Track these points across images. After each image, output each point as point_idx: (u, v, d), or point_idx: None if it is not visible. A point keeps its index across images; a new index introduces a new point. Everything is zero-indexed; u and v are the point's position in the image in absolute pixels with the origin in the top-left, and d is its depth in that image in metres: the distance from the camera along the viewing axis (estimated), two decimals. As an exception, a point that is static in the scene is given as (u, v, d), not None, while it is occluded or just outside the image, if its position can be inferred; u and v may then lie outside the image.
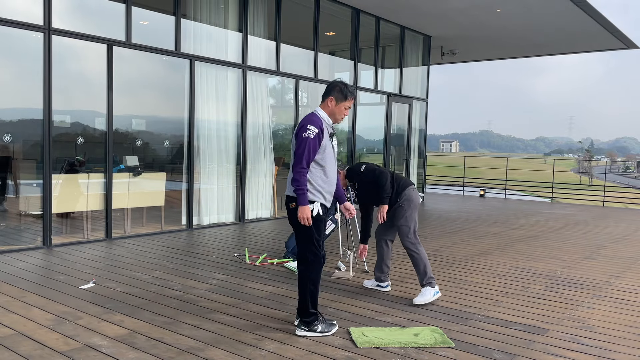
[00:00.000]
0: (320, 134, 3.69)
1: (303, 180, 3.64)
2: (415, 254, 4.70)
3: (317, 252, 3.80)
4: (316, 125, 3.69)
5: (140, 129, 7.67)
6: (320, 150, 3.71)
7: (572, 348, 3.67)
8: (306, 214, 3.63)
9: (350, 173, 4.92)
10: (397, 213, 4.78)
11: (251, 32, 9.04)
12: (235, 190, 9.06)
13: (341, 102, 3.82)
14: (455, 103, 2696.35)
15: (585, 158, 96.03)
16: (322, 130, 3.72)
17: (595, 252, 7.21)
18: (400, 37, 12.42)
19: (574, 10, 10.39)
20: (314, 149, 3.66)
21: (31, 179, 6.56)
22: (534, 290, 5.13)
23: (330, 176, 3.81)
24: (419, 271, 4.68)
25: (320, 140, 3.69)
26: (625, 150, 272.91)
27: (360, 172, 4.85)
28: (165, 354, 3.38)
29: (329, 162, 3.77)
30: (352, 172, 4.91)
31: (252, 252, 6.57)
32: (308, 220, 3.64)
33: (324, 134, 3.74)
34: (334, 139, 3.93)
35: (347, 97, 3.83)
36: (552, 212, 12.12)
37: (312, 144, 3.65)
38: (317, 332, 3.75)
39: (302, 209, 3.64)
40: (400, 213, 4.76)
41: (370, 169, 4.85)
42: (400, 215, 4.75)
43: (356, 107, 11.38)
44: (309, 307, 3.78)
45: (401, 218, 4.74)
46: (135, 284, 4.99)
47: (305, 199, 3.64)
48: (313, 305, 3.80)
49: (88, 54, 6.94)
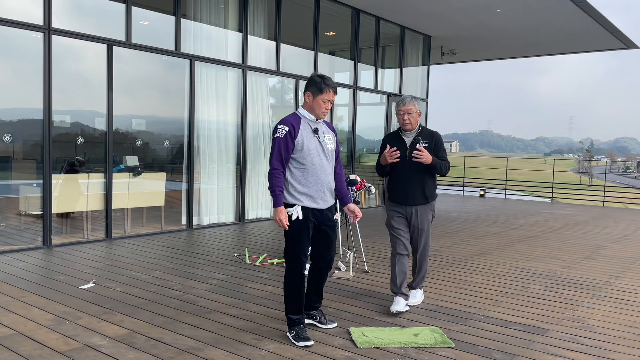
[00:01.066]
0: (292, 131, 3.59)
1: (275, 181, 3.56)
2: (427, 261, 4.56)
3: (297, 262, 3.64)
4: (286, 124, 3.61)
5: (140, 129, 7.67)
6: (297, 148, 3.61)
7: (571, 348, 3.67)
8: (278, 216, 3.54)
9: (430, 130, 4.43)
10: (427, 216, 4.43)
11: (251, 32, 9.04)
12: (235, 190, 9.06)
13: (318, 95, 3.65)
14: (455, 103, 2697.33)
15: (585, 158, 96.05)
16: (296, 128, 3.61)
17: (595, 252, 7.21)
18: (400, 37, 12.42)
19: (574, 10, 10.39)
20: (286, 148, 3.58)
21: (31, 179, 6.56)
22: (534, 290, 5.13)
23: (316, 174, 3.63)
24: (421, 276, 4.58)
25: (293, 137, 3.59)
26: (625, 150, 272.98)
27: (438, 136, 4.40)
28: (165, 354, 3.38)
29: (310, 160, 3.61)
30: (431, 131, 4.43)
31: (252, 252, 6.57)
32: (280, 223, 3.54)
33: (300, 130, 3.62)
34: (326, 135, 3.75)
35: (323, 90, 3.62)
36: (552, 212, 12.12)
37: (282, 143, 3.58)
38: (290, 335, 3.68)
39: (275, 211, 3.56)
40: (429, 216, 4.45)
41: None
42: (428, 220, 4.43)
43: (356, 107, 11.39)
44: (286, 310, 3.72)
45: (428, 223, 4.44)
46: (135, 284, 4.99)
47: (277, 201, 3.54)
48: (290, 310, 3.70)
49: (88, 54, 6.94)
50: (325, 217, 3.73)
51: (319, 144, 3.68)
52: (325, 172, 3.69)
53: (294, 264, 3.66)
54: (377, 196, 12.45)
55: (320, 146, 3.69)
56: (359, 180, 6.07)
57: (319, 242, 3.77)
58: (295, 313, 3.71)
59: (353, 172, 11.52)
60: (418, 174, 4.32)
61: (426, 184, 4.34)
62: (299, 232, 3.61)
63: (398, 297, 4.36)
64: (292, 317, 3.70)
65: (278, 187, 3.56)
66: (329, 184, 3.72)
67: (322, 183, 3.67)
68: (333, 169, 3.81)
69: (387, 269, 5.89)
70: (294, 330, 3.67)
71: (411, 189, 4.32)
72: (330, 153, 3.76)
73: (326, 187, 3.70)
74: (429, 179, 4.37)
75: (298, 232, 3.61)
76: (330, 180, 3.74)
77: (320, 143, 3.69)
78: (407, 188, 4.33)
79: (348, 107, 11.32)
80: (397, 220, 4.42)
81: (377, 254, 6.71)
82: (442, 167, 4.31)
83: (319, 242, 3.77)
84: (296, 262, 3.66)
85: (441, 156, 4.35)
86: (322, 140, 3.71)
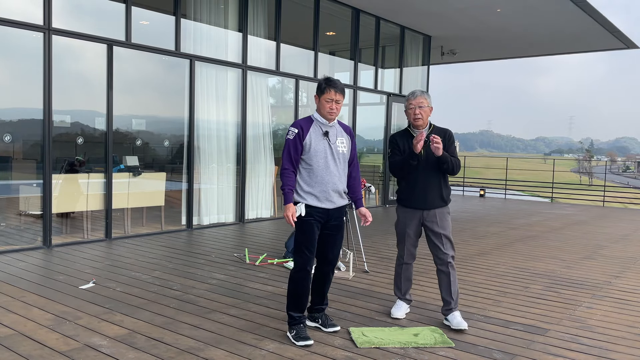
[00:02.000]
0: (301, 133, 3.72)
1: (285, 180, 3.72)
2: (453, 270, 4.09)
3: (302, 257, 3.71)
4: (297, 126, 3.76)
5: (140, 129, 7.67)
6: (305, 149, 3.73)
7: (572, 348, 3.67)
8: (285, 212, 3.70)
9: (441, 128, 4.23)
10: (446, 220, 4.11)
11: (251, 32, 9.04)
12: (235, 190, 9.06)
13: (321, 96, 3.79)
14: (455, 103, 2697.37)
15: (585, 158, 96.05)
16: (305, 130, 3.74)
17: (595, 252, 7.21)
18: (400, 37, 12.42)
19: (574, 10, 10.39)
20: (295, 149, 3.73)
21: (31, 179, 6.56)
22: (534, 290, 5.13)
23: (320, 176, 3.72)
24: (454, 290, 4.05)
25: (302, 139, 3.72)
26: (625, 150, 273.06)
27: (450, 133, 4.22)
28: (165, 354, 3.38)
29: (315, 162, 3.72)
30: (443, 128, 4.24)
31: (252, 252, 6.57)
32: (288, 219, 3.68)
33: (309, 133, 3.74)
34: (338, 139, 3.82)
35: (324, 90, 3.74)
36: (552, 212, 12.12)
37: (291, 145, 3.73)
38: (289, 334, 3.70)
39: (284, 208, 3.72)
40: (446, 219, 4.10)
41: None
42: (446, 222, 4.09)
43: (356, 107, 11.39)
44: (288, 307, 3.77)
45: (447, 226, 4.10)
46: (135, 284, 4.99)
47: (286, 198, 3.71)
48: (292, 307, 3.74)
49: (88, 54, 6.94)
50: (330, 217, 3.79)
51: (328, 147, 3.77)
52: (331, 174, 3.76)
53: (298, 258, 3.75)
54: (377, 196, 12.45)
55: (330, 149, 3.77)
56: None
57: (323, 241, 3.84)
58: (297, 311, 3.74)
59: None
60: (435, 176, 4.07)
61: (443, 185, 4.11)
62: (303, 228, 3.72)
63: (401, 301, 4.29)
64: (293, 314, 3.73)
65: (288, 185, 3.72)
66: (334, 185, 3.77)
67: (327, 184, 3.75)
68: (344, 171, 3.86)
69: (387, 269, 5.89)
70: (294, 330, 3.69)
71: (429, 191, 4.05)
72: (341, 156, 3.82)
73: (331, 188, 3.76)
74: (445, 180, 4.14)
75: (302, 228, 3.73)
76: (336, 182, 3.78)
77: (330, 146, 3.78)
78: (425, 191, 4.06)
79: (348, 107, 11.32)
80: (412, 227, 4.14)
81: (377, 254, 6.71)
82: (454, 164, 4.03)
83: (323, 241, 3.84)
84: (301, 256, 3.73)
85: (451, 153, 4.10)
86: (333, 143, 3.79)
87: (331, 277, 3.92)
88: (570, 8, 10.27)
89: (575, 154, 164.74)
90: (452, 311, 4.02)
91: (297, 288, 3.73)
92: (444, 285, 4.08)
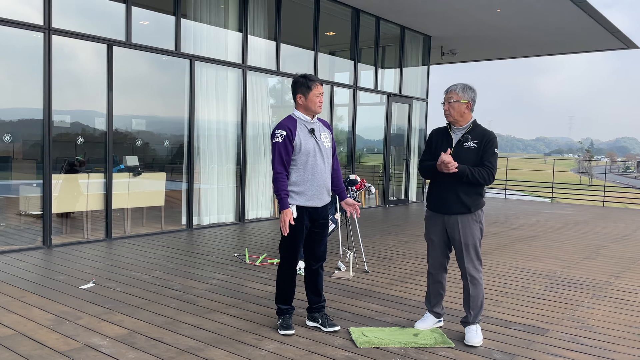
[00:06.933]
0: (290, 135, 3.72)
1: (280, 185, 3.71)
2: (477, 283, 3.76)
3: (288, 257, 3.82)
4: (283, 128, 3.73)
5: (140, 129, 7.67)
6: (296, 150, 3.74)
7: (572, 348, 3.67)
8: (282, 218, 3.69)
9: (484, 129, 3.80)
10: (471, 229, 3.74)
11: (251, 32, 9.04)
12: (235, 190, 9.06)
13: (308, 93, 3.78)
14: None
15: (585, 158, 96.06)
16: (293, 131, 3.74)
17: (595, 252, 7.21)
18: (400, 37, 12.42)
19: (574, 10, 10.39)
20: (286, 152, 3.72)
21: (31, 179, 6.56)
22: (534, 290, 5.13)
23: (313, 174, 3.75)
24: (476, 305, 3.76)
25: (292, 140, 3.72)
26: (625, 150, 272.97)
27: (491, 137, 3.76)
28: (165, 354, 3.38)
29: (306, 161, 3.74)
30: (485, 130, 3.80)
31: (252, 252, 6.57)
32: (284, 224, 3.68)
33: (297, 133, 3.75)
34: (322, 134, 3.85)
35: (312, 87, 3.78)
36: (552, 212, 12.12)
37: (282, 148, 3.71)
38: (277, 323, 3.91)
39: (281, 213, 3.72)
40: (470, 227, 3.73)
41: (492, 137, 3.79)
42: (469, 230, 3.73)
43: (356, 107, 11.38)
44: (276, 299, 3.92)
45: (471, 235, 3.74)
46: (135, 284, 4.99)
47: (283, 204, 3.70)
48: (279, 299, 3.89)
49: (88, 54, 6.94)
50: (319, 215, 3.85)
51: (316, 144, 3.80)
52: (321, 172, 3.81)
53: (285, 258, 3.85)
54: (377, 196, 12.45)
55: (318, 146, 3.81)
56: (358, 180, 6.07)
57: (310, 238, 3.90)
58: (284, 303, 3.89)
59: (353, 172, 11.52)
60: (456, 179, 3.69)
61: (465, 189, 3.69)
62: (293, 230, 3.76)
63: (428, 313, 4.04)
64: (281, 306, 3.90)
65: (283, 190, 3.72)
66: (324, 182, 3.84)
67: (319, 182, 3.80)
68: (330, 166, 3.91)
69: (387, 269, 5.90)
70: (280, 319, 3.88)
71: (449, 195, 3.73)
72: (327, 151, 3.88)
73: (323, 185, 3.83)
74: (469, 185, 3.71)
75: (291, 230, 3.76)
76: (326, 179, 3.86)
77: (317, 143, 3.81)
78: (445, 194, 3.75)
79: (348, 107, 11.32)
80: (435, 233, 3.86)
81: (377, 254, 6.71)
82: (476, 176, 3.63)
83: (310, 238, 3.90)
84: (287, 256, 3.84)
85: (485, 160, 3.68)
86: (319, 139, 3.83)
87: (322, 273, 3.99)
88: (571, 8, 10.27)
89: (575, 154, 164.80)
90: (468, 324, 3.79)
91: (284, 284, 3.88)
92: (464, 297, 3.83)
